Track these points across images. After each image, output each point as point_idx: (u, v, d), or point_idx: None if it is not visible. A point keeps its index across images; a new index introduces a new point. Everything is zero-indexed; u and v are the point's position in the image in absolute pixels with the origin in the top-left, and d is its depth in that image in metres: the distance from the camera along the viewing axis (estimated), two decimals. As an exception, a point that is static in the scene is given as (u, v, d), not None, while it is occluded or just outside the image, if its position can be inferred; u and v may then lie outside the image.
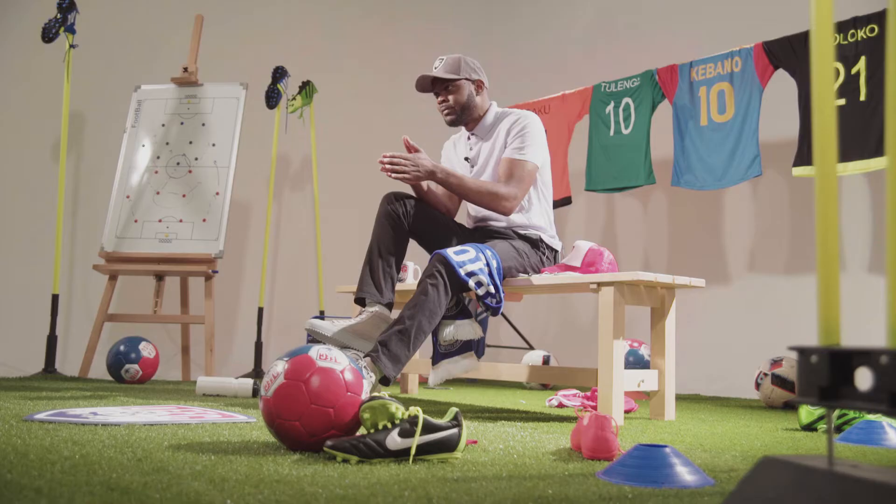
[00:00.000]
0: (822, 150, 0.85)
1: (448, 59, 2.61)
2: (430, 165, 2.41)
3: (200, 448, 1.40)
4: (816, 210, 0.85)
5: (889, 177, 0.77)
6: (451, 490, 1.09)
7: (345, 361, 1.46)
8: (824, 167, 0.84)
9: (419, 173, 2.39)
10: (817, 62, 0.84)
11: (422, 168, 2.40)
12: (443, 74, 2.56)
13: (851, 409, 0.80)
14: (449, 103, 2.59)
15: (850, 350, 0.79)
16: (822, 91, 0.85)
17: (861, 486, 0.73)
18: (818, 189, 0.85)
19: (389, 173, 2.38)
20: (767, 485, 0.82)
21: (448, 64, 2.60)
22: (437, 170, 2.42)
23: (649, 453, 1.25)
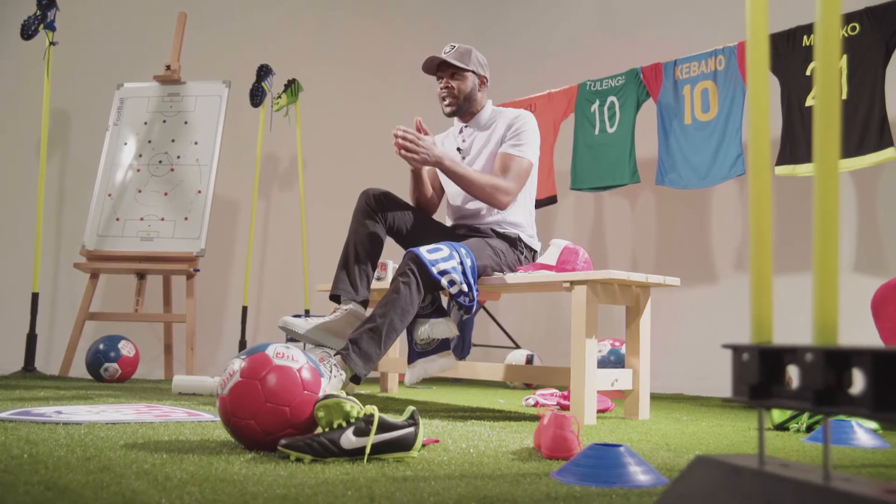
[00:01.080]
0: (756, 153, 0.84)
1: (460, 47, 2.62)
2: (438, 152, 2.42)
3: (155, 447, 1.39)
4: (750, 210, 0.84)
5: (817, 182, 0.76)
6: (396, 489, 1.08)
7: (302, 360, 1.45)
8: (757, 166, 0.83)
9: (428, 157, 2.39)
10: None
11: (431, 153, 2.39)
12: (453, 60, 2.56)
13: (781, 408, 0.78)
14: (452, 90, 2.59)
15: (779, 348, 0.78)
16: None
17: (785, 485, 0.72)
18: (752, 192, 0.84)
19: (400, 150, 2.37)
20: (699, 483, 0.81)
21: (459, 52, 2.60)
22: (444, 157, 2.42)
23: (603, 453, 1.23)
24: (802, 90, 3.26)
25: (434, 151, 2.40)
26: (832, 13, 0.73)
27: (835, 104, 0.71)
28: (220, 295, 4.53)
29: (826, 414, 0.72)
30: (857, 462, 1.52)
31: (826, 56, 0.72)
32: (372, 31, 5.23)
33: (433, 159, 2.41)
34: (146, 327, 4.06)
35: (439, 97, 2.64)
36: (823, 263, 0.74)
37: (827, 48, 0.71)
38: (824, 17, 0.74)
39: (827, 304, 0.74)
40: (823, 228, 0.74)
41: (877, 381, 0.66)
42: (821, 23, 0.73)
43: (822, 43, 0.74)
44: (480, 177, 2.46)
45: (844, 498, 0.66)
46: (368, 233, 2.46)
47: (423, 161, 2.40)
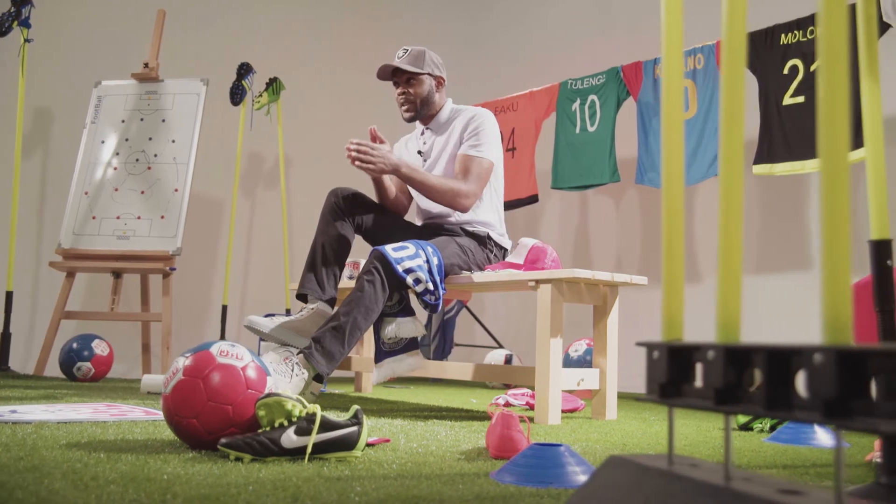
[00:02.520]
0: (667, 161, 0.83)
1: (413, 50, 2.59)
2: (395, 160, 2.40)
3: (96, 446, 1.37)
4: (663, 212, 0.83)
5: (722, 188, 0.74)
6: (325, 489, 1.06)
7: (248, 358, 1.43)
8: (670, 172, 0.82)
9: (385, 166, 2.37)
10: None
11: (388, 161, 2.37)
12: (406, 66, 2.54)
13: (689, 408, 0.77)
14: (409, 96, 2.57)
15: (688, 345, 0.76)
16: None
17: (684, 485, 0.70)
18: (665, 201, 0.82)
19: (354, 161, 2.35)
20: (608, 483, 0.79)
21: (412, 56, 2.57)
22: (401, 165, 2.40)
23: (542, 453, 1.22)
24: (780, 89, 3.25)
25: (390, 159, 2.38)
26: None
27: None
28: (203, 294, 4.51)
29: (726, 413, 0.70)
30: (809, 462, 1.51)
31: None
32: (355, 30, 5.22)
33: (390, 167, 2.39)
34: (126, 326, 4.04)
35: (398, 103, 2.62)
36: (726, 261, 0.72)
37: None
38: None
39: (729, 302, 0.72)
40: (727, 228, 0.72)
41: (770, 378, 0.65)
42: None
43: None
44: (439, 182, 2.45)
45: (736, 497, 0.64)
46: (336, 232, 2.45)
47: (379, 170, 2.38)
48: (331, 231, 2.45)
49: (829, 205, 0.61)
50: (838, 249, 0.61)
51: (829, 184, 0.62)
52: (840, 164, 0.61)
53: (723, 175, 0.74)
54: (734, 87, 0.75)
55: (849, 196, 0.62)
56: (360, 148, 2.34)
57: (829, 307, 0.61)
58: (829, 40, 0.64)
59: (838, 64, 0.63)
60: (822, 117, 0.62)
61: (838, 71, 0.62)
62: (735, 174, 0.73)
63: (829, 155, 0.60)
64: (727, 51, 0.78)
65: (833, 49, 0.63)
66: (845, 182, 0.62)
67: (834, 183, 0.61)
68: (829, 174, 0.62)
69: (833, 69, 0.63)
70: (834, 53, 0.62)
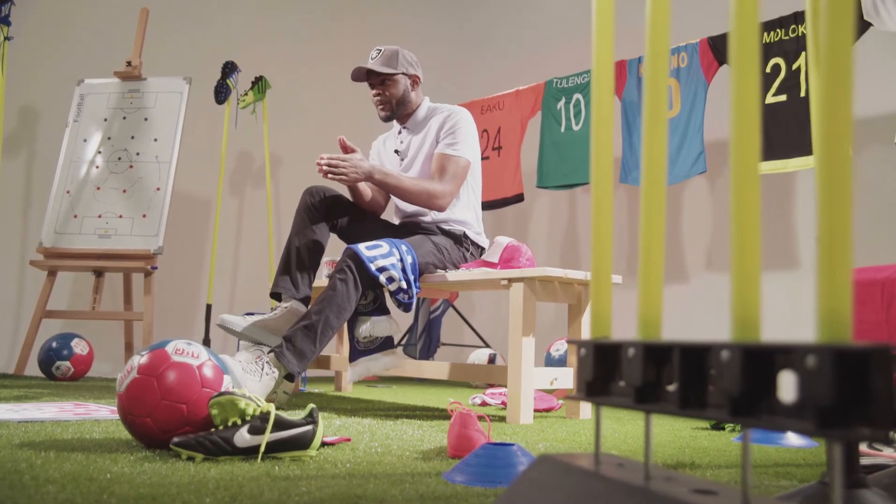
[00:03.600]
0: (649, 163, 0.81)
1: (386, 51, 2.57)
2: (367, 167, 2.38)
3: (48, 446, 1.36)
4: (592, 210, 0.81)
5: (644, 192, 0.73)
6: (267, 489, 1.05)
7: (204, 356, 1.42)
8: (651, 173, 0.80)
9: (357, 175, 2.36)
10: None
11: (360, 169, 2.36)
12: (379, 68, 2.52)
13: (613, 406, 0.76)
14: (384, 97, 2.56)
15: (613, 343, 0.75)
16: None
17: (603, 485, 0.69)
18: (594, 201, 0.81)
19: (326, 175, 2.35)
20: (534, 482, 0.78)
21: (385, 57, 2.56)
22: (374, 171, 2.39)
23: (494, 452, 1.21)
24: (762, 87, 3.24)
25: (362, 167, 2.37)
26: None
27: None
28: (189, 293, 4.49)
29: (645, 411, 0.69)
30: (773, 462, 1.50)
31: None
32: (341, 28, 5.21)
33: (363, 175, 2.38)
34: (110, 325, 4.02)
35: (374, 104, 2.61)
36: (648, 260, 0.71)
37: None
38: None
39: (651, 300, 0.71)
40: (649, 229, 0.71)
41: (684, 376, 0.64)
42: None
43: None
44: (413, 184, 2.44)
45: (649, 497, 0.63)
46: (311, 231, 2.44)
47: (352, 180, 2.38)
48: (306, 230, 2.44)
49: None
50: (748, 253, 0.60)
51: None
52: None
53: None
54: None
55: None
56: (331, 161, 2.34)
57: (738, 305, 0.60)
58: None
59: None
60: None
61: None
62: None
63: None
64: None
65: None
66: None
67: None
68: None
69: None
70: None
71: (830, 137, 0.56)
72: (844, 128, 0.58)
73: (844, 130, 0.59)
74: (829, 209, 0.53)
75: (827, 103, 0.58)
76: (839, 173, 0.54)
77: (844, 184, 0.54)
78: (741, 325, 0.59)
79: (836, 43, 0.57)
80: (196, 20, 4.60)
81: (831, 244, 0.53)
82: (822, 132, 0.56)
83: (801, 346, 0.53)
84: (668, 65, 0.76)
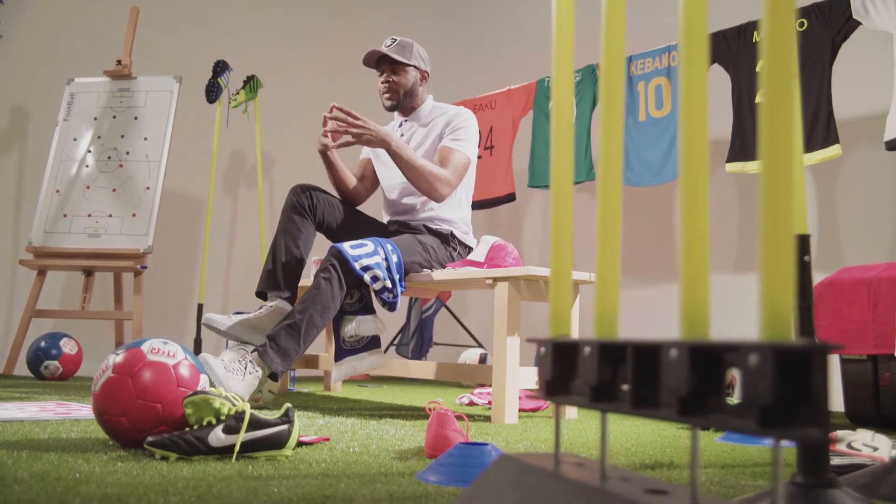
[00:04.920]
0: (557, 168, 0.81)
1: (401, 40, 2.59)
2: (385, 131, 2.35)
3: (22, 446, 1.35)
4: (552, 210, 0.81)
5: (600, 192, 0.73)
6: (236, 489, 1.04)
7: (180, 356, 1.41)
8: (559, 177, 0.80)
9: (372, 137, 2.32)
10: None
11: (376, 133, 2.32)
12: (393, 55, 2.53)
13: (570, 405, 0.75)
14: (392, 85, 2.57)
15: (572, 342, 0.75)
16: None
17: (560, 485, 0.69)
18: (554, 198, 0.81)
19: (330, 132, 2.33)
20: (494, 482, 0.78)
21: (400, 46, 2.57)
22: (391, 139, 2.35)
23: (467, 452, 1.21)
24: (753, 86, 3.23)
25: (379, 131, 2.33)
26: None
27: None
28: (181, 293, 4.49)
29: (601, 410, 0.69)
30: (751, 461, 1.50)
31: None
32: (333, 28, 5.20)
33: (378, 139, 2.32)
34: (100, 325, 4.02)
35: (380, 91, 2.62)
36: (603, 257, 0.71)
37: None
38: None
39: (607, 298, 0.71)
40: (604, 223, 0.71)
41: (636, 375, 0.63)
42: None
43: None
44: (424, 164, 2.41)
45: (602, 497, 0.63)
46: (297, 229, 2.43)
47: (366, 141, 2.33)
48: (292, 228, 2.44)
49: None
50: (696, 251, 0.59)
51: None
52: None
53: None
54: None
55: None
56: (340, 116, 2.31)
57: (687, 302, 0.59)
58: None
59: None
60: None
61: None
62: (614, 175, 0.72)
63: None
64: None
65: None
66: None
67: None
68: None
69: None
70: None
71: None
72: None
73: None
74: (771, 208, 0.53)
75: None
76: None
77: (787, 183, 0.53)
78: (690, 323, 0.59)
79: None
80: (187, 19, 4.59)
81: (774, 242, 0.52)
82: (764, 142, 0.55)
83: (745, 344, 0.52)
84: (623, 65, 0.76)
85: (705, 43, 0.63)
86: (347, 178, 2.62)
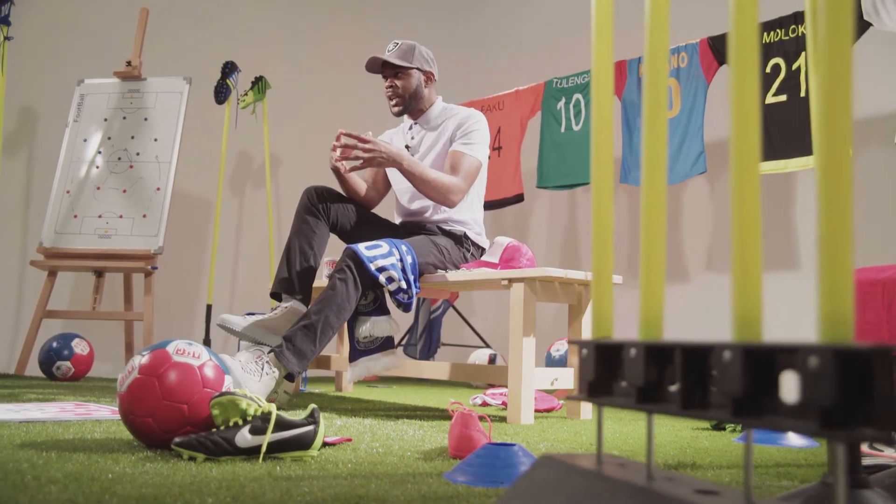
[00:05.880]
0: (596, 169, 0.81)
1: (402, 44, 2.58)
2: (396, 151, 2.35)
3: (50, 446, 1.36)
4: (593, 213, 0.82)
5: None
6: (269, 489, 1.05)
7: (205, 357, 1.42)
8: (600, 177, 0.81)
9: (384, 159, 2.33)
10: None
11: (389, 154, 2.33)
12: (394, 60, 2.53)
13: (614, 406, 0.76)
14: (397, 89, 2.57)
15: (615, 343, 0.75)
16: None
17: (606, 485, 0.69)
18: (595, 201, 0.81)
19: (339, 159, 2.34)
20: (537, 482, 0.78)
21: (402, 50, 2.57)
22: (403, 157, 2.36)
23: (495, 452, 1.21)
24: (762, 87, 3.24)
25: (391, 152, 2.34)
26: None
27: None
28: (189, 293, 4.49)
29: (648, 412, 0.69)
30: (773, 462, 1.50)
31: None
32: (340, 28, 5.21)
33: (390, 159, 2.34)
34: (110, 325, 4.03)
35: (386, 97, 2.62)
36: (648, 259, 0.71)
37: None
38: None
39: (652, 299, 0.71)
40: (648, 227, 0.71)
41: (686, 376, 0.64)
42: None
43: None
44: (436, 177, 2.42)
45: (652, 497, 0.63)
46: (311, 230, 2.44)
47: (378, 163, 2.35)
48: (305, 229, 2.44)
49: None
50: (749, 253, 0.60)
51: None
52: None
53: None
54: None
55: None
56: (349, 142, 2.32)
57: (739, 305, 0.60)
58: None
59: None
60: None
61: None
62: (658, 179, 0.72)
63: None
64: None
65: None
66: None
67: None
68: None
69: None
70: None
71: (830, 138, 0.56)
72: (844, 128, 0.58)
73: (844, 131, 0.59)
74: (829, 210, 0.54)
75: (827, 104, 0.58)
76: (839, 174, 0.54)
77: (844, 185, 0.54)
78: (743, 325, 0.60)
79: (836, 43, 0.57)
80: (196, 20, 4.60)
81: (832, 245, 0.53)
82: (822, 133, 0.56)
83: (804, 346, 0.53)
84: (667, 64, 0.76)
85: (755, 44, 0.64)
86: (359, 187, 2.65)
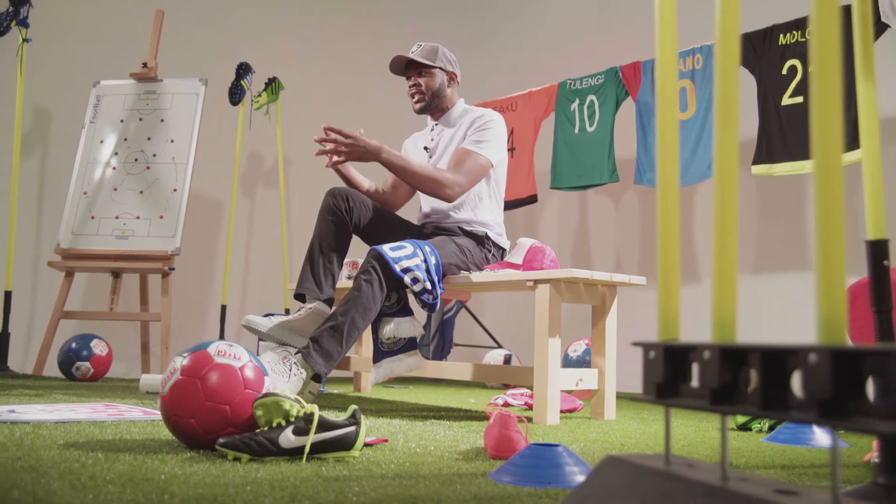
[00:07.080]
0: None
1: (426, 45, 2.63)
2: (375, 144, 2.36)
3: (94, 446, 1.37)
4: (659, 212, 0.83)
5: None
6: (322, 489, 1.06)
7: (245, 358, 1.43)
8: (666, 178, 0.82)
9: (362, 151, 2.34)
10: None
11: (365, 145, 2.34)
12: (419, 58, 2.56)
13: (685, 408, 0.77)
14: (420, 87, 2.60)
15: (684, 346, 0.76)
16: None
17: (680, 485, 0.70)
18: (660, 202, 0.82)
19: (321, 153, 2.36)
20: (605, 483, 0.80)
21: (425, 50, 2.61)
22: (382, 149, 2.38)
23: (540, 453, 1.22)
24: (778, 89, 3.25)
25: (369, 144, 2.34)
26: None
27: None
28: (202, 294, 4.51)
29: (722, 413, 0.70)
30: (807, 462, 1.51)
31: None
32: (353, 30, 5.22)
33: (370, 152, 2.34)
34: (125, 326, 4.04)
35: (409, 95, 2.65)
36: (721, 261, 0.72)
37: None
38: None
39: (725, 301, 0.72)
40: (722, 228, 0.72)
41: (766, 378, 0.65)
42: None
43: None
44: (420, 168, 2.42)
45: (732, 497, 0.64)
46: (334, 231, 2.45)
47: (358, 157, 2.36)
48: (328, 231, 2.45)
49: (823, 203, 0.61)
50: (833, 249, 0.61)
51: (822, 182, 0.62)
52: (833, 162, 0.61)
53: (717, 174, 0.74)
54: (728, 86, 0.75)
55: (842, 194, 0.62)
56: (332, 133, 2.32)
57: (824, 307, 0.61)
58: (822, 40, 0.64)
59: (831, 63, 0.62)
60: (816, 116, 0.63)
61: (831, 71, 0.62)
62: (730, 173, 0.73)
63: (822, 154, 0.60)
64: (721, 50, 0.78)
65: (825, 49, 0.63)
66: (838, 180, 0.62)
67: (827, 181, 0.62)
68: (822, 173, 0.62)
69: (825, 69, 0.63)
70: (827, 53, 0.62)
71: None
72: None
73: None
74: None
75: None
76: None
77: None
78: (828, 328, 0.61)
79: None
80: (210, 21, 4.62)
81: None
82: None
83: (894, 350, 0.54)
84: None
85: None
86: (361, 186, 2.67)
